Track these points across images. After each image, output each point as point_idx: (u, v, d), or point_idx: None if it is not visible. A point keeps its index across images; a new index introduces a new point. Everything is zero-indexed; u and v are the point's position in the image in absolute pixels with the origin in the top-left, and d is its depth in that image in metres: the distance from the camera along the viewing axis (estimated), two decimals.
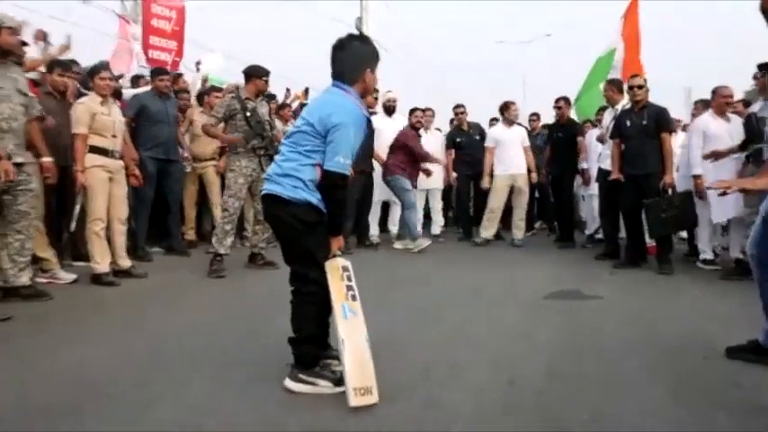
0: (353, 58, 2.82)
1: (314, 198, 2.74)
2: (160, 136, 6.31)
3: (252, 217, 6.35)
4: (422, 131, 7.93)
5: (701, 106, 6.99)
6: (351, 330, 2.69)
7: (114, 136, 5.24)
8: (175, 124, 6.53)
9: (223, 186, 6.71)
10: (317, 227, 2.77)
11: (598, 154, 7.12)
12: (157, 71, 6.75)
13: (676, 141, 6.90)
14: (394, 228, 8.22)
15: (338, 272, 2.80)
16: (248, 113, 5.66)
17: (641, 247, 6.34)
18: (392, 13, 25.19)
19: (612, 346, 3.49)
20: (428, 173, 7.63)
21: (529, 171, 7.98)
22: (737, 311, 4.29)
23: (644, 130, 6.02)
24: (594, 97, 8.37)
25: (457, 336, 3.71)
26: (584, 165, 7.88)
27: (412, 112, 7.63)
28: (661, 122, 6.01)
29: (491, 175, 7.86)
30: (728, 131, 5.91)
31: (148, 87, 6.73)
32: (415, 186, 7.51)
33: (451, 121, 9.43)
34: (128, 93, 6.81)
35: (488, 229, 7.92)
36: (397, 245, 7.56)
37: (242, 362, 3.13)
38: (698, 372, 3.08)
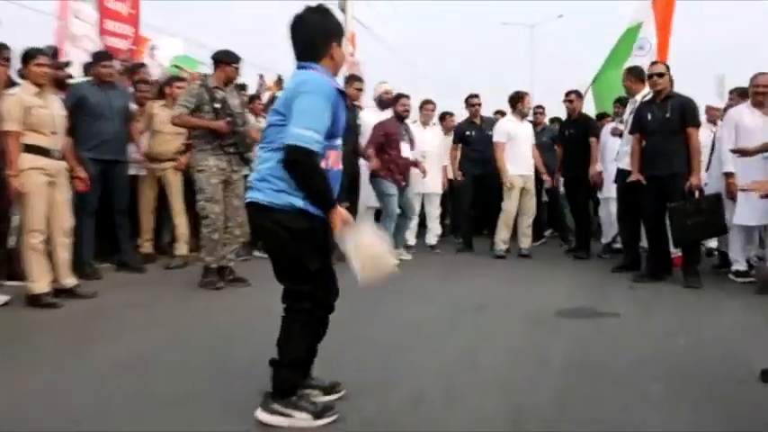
0: (315, 33, 2.84)
1: (300, 201, 2.71)
2: (103, 132, 6.13)
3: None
4: (420, 126, 7.94)
5: (736, 95, 7.02)
6: (354, 233, 2.74)
7: (54, 133, 5.10)
8: (122, 119, 6.37)
9: (187, 189, 6.76)
10: (306, 235, 2.74)
11: (615, 152, 7.17)
12: (99, 56, 6.59)
13: (703, 135, 6.92)
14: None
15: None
16: (217, 104, 5.67)
17: (665, 258, 6.38)
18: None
19: (631, 370, 3.53)
20: (422, 170, 7.65)
21: (538, 172, 8.06)
22: None
23: (667, 124, 6.03)
24: (614, 80, 8.39)
25: (457, 357, 3.74)
26: (598, 167, 7.88)
27: (398, 99, 7.55)
28: (686, 115, 6.02)
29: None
30: (763, 126, 5.93)
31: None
32: (402, 188, 7.49)
33: (442, 117, 9.46)
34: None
35: (504, 239, 7.93)
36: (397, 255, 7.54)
37: (201, 397, 3.10)
38: (728, 398, 3.11)
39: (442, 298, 5.50)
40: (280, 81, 9.33)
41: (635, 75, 6.83)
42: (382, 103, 7.88)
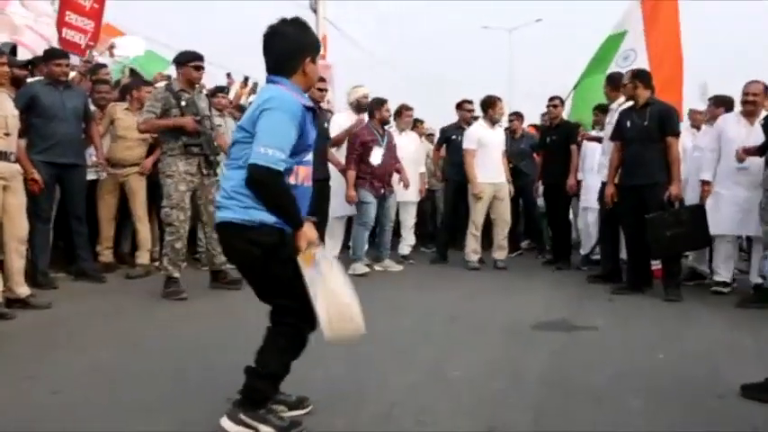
0: (288, 47, 2.82)
1: (270, 217, 2.70)
2: (57, 134, 5.95)
3: (202, 231, 6.38)
4: (396, 132, 7.91)
5: (712, 104, 7.06)
6: (324, 276, 2.69)
7: (8, 134, 5.02)
8: (78, 120, 6.20)
9: (152, 197, 6.70)
10: (278, 249, 2.73)
11: (595, 160, 7.22)
12: (52, 53, 6.38)
13: (685, 140, 6.98)
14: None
15: (312, 259, 2.72)
16: (183, 103, 5.68)
17: (645, 270, 6.42)
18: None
19: (609, 384, 3.53)
20: (404, 180, 7.62)
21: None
22: (755, 344, 4.36)
23: (645, 131, 6.05)
24: (593, 88, 8.44)
25: (429, 370, 3.72)
26: (578, 176, 7.92)
27: (382, 104, 7.47)
28: (665, 123, 6.03)
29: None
30: (745, 137, 5.97)
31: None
32: (382, 196, 7.45)
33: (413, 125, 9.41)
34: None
35: (474, 249, 7.89)
36: (377, 266, 7.51)
37: (163, 407, 3.06)
38: (709, 414, 3.12)
39: (415, 309, 5.48)
40: (246, 82, 9.18)
41: (611, 82, 6.89)
42: (359, 107, 7.72)
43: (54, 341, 4.35)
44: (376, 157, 7.31)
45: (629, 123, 6.21)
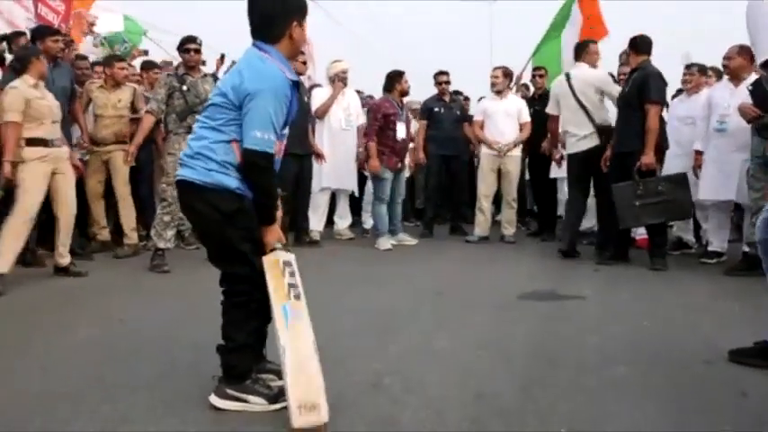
0: (274, 9, 2.73)
1: (231, 181, 2.67)
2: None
3: None
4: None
5: (696, 71, 7.03)
6: (294, 336, 2.60)
7: (54, 122, 5.37)
8: (65, 99, 6.07)
9: (133, 175, 6.68)
10: (237, 215, 2.69)
11: None
12: (46, 30, 6.35)
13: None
14: (341, 221, 8.09)
15: (278, 268, 2.71)
16: (185, 87, 5.88)
17: (626, 239, 6.38)
18: None
19: (597, 353, 3.52)
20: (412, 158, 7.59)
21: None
22: (742, 311, 4.38)
23: (626, 98, 6.00)
24: (551, 54, 8.44)
25: (415, 344, 3.70)
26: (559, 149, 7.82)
27: (400, 75, 7.41)
28: (643, 90, 5.87)
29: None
30: (729, 99, 5.94)
31: None
32: (398, 171, 7.44)
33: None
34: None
35: (481, 223, 7.83)
36: (392, 241, 7.42)
37: (152, 387, 3.02)
38: (696, 380, 3.13)
39: (400, 283, 5.46)
40: (222, 58, 8.97)
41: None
42: (340, 81, 7.61)
43: (41, 318, 4.30)
44: (401, 132, 7.32)
45: (624, 90, 6.16)
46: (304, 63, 7.35)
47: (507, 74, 7.89)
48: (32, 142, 5.20)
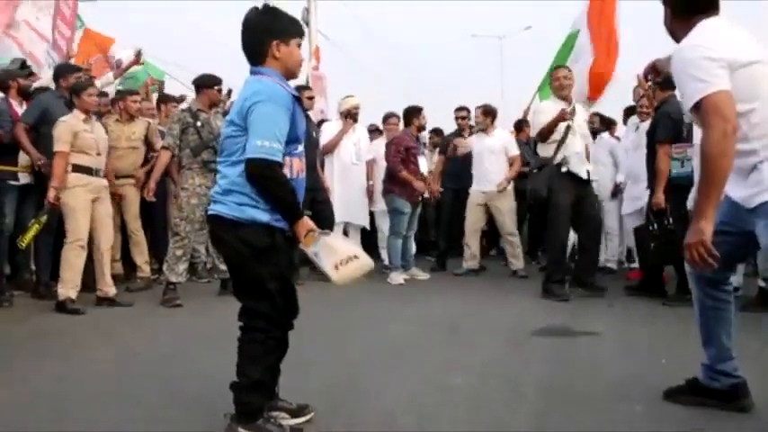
0: (254, 34, 2.83)
1: (263, 215, 2.69)
2: None
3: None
4: (385, 139, 7.90)
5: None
6: (323, 242, 2.72)
7: (99, 154, 5.74)
8: None
9: (144, 209, 6.74)
10: (268, 252, 2.71)
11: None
12: (69, 68, 6.62)
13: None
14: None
15: (312, 237, 2.73)
16: (199, 123, 5.99)
17: (658, 274, 6.36)
18: (348, 6, 25.14)
19: (612, 391, 3.48)
20: (431, 190, 7.61)
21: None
22: (759, 347, 4.33)
23: (648, 137, 6.08)
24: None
25: (428, 379, 3.68)
26: None
27: (418, 111, 7.49)
28: (654, 130, 5.97)
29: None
30: None
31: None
32: (417, 205, 7.46)
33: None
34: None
35: (467, 258, 7.88)
36: (404, 275, 7.41)
37: (163, 415, 3.03)
38: (715, 419, 3.06)
39: (414, 317, 5.44)
40: (229, 93, 9.11)
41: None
42: (349, 117, 7.74)
43: (49, 350, 4.32)
44: (423, 166, 7.40)
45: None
46: (310, 98, 7.40)
47: (488, 112, 8.01)
48: (77, 169, 5.56)
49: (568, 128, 6.15)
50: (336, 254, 2.70)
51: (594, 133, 7.74)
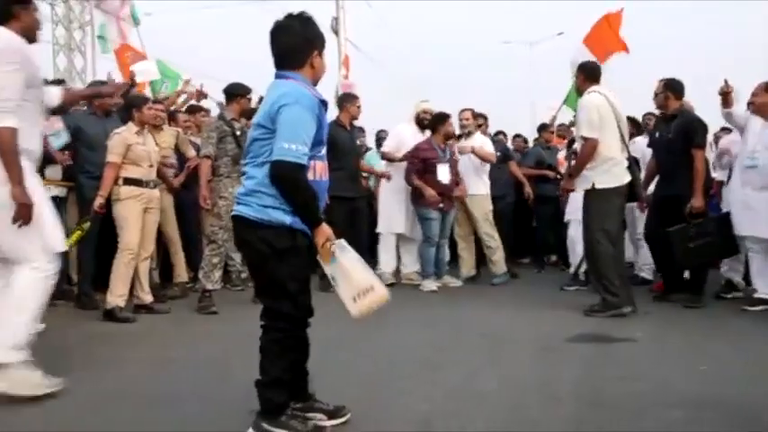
0: (296, 41, 2.86)
1: (286, 217, 2.73)
2: (101, 164, 5.92)
3: None
4: None
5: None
6: (338, 266, 2.78)
7: (151, 166, 5.89)
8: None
9: (180, 216, 6.81)
10: (290, 253, 2.76)
11: None
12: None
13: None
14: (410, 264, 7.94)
15: (326, 249, 2.78)
16: (238, 132, 6.06)
17: (678, 278, 6.35)
18: (376, 13, 25.18)
19: (650, 396, 3.45)
20: (462, 192, 7.54)
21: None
22: None
23: (670, 144, 6.07)
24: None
25: (461, 385, 3.69)
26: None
27: (445, 119, 7.46)
28: (688, 136, 6.00)
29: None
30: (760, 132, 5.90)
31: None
32: (445, 212, 7.43)
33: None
34: None
35: (462, 266, 7.93)
36: (437, 283, 7.39)
37: (198, 420, 3.09)
38: (757, 426, 3.03)
39: (445, 324, 5.46)
40: (260, 100, 9.10)
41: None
42: (420, 122, 7.69)
43: (90, 357, 4.37)
44: (443, 174, 7.31)
45: (657, 134, 6.29)
46: (359, 107, 7.40)
47: (477, 115, 8.05)
48: (129, 182, 5.71)
49: None
50: (353, 285, 2.76)
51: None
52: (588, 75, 5.94)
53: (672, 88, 6.20)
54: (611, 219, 5.76)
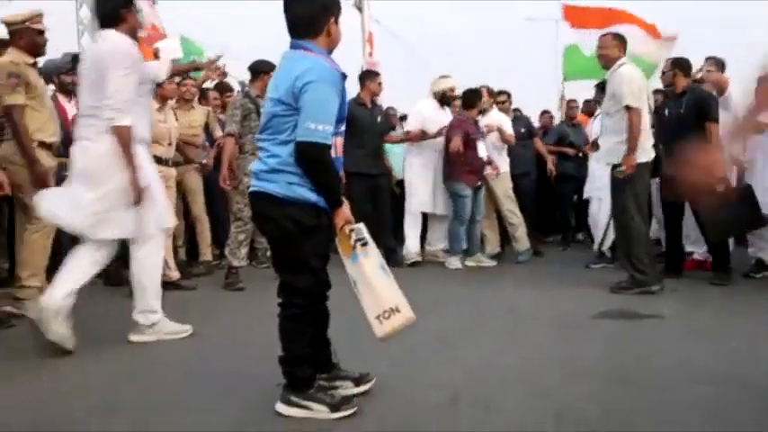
0: (312, 7, 2.81)
1: (312, 195, 2.75)
2: None
3: None
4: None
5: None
6: (359, 269, 2.82)
7: (170, 144, 5.96)
8: None
9: (207, 195, 6.86)
10: (314, 230, 2.78)
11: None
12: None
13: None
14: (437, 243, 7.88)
15: (345, 234, 2.83)
16: (263, 109, 5.88)
17: (680, 255, 6.44)
18: None
19: (678, 372, 3.44)
20: (494, 169, 7.48)
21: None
22: None
23: (682, 120, 5.99)
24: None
25: (487, 361, 3.70)
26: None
27: (478, 96, 7.43)
28: (703, 111, 5.98)
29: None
30: None
31: None
32: (477, 189, 7.39)
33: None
34: None
35: (485, 242, 7.89)
36: (468, 262, 7.40)
37: (225, 399, 3.12)
38: None
39: (469, 302, 5.47)
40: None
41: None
42: (444, 98, 7.59)
43: (117, 333, 4.37)
44: (483, 151, 7.31)
45: (666, 111, 6.24)
46: (379, 84, 7.34)
47: (498, 92, 8.06)
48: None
49: None
50: (378, 303, 2.78)
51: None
52: (621, 43, 5.82)
53: (680, 66, 6.27)
54: (643, 194, 5.74)
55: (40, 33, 4.86)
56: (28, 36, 4.78)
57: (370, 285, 2.78)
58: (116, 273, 6.12)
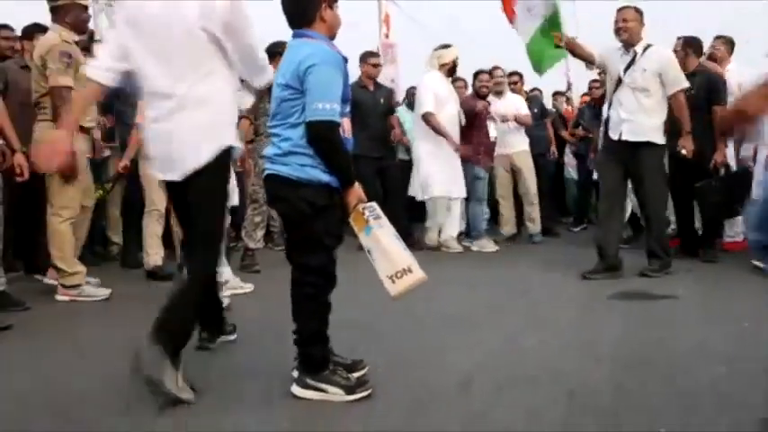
0: None
1: (324, 175, 2.78)
2: None
3: None
4: None
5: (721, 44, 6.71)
6: (375, 239, 2.85)
7: None
8: None
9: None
10: (328, 210, 2.82)
11: None
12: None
13: None
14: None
15: (359, 212, 2.87)
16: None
17: (692, 235, 6.42)
18: None
19: (693, 353, 3.44)
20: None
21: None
22: None
23: (691, 100, 5.80)
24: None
25: (502, 342, 3.71)
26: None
27: (476, 75, 7.42)
28: (712, 93, 5.98)
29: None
30: None
31: None
32: (488, 170, 7.37)
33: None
34: None
35: (503, 224, 7.85)
36: (474, 246, 7.30)
37: (240, 378, 3.16)
38: None
39: (485, 283, 5.47)
40: None
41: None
42: (451, 71, 7.31)
43: (135, 314, 4.44)
44: (493, 131, 7.31)
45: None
46: (376, 66, 7.28)
47: (510, 74, 8.04)
48: None
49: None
50: (391, 263, 2.82)
51: None
52: (641, 16, 5.61)
53: (691, 46, 6.21)
54: (666, 177, 5.74)
55: (85, 9, 4.79)
56: (74, 12, 4.69)
57: (384, 250, 2.82)
58: (131, 254, 6.20)
